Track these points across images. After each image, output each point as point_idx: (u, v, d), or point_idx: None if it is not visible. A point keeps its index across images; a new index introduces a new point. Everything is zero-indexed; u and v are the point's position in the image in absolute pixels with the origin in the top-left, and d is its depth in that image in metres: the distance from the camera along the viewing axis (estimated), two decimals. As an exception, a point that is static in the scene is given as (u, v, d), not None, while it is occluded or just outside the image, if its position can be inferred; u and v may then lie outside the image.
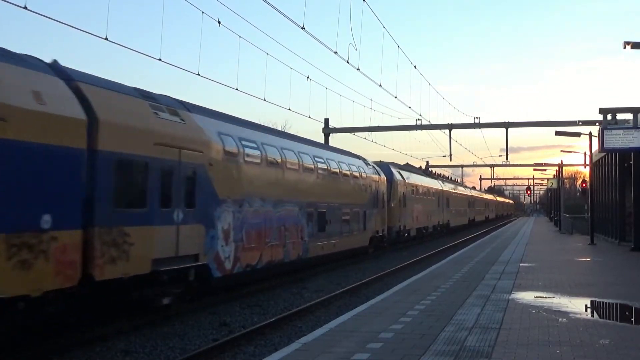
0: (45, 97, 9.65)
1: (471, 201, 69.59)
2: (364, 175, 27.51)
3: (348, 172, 25.21)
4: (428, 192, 43.85)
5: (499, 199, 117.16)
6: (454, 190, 57.89)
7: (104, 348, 10.73)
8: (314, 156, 21.89)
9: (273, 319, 13.11)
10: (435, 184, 48.76)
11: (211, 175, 14.42)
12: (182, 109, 14.24)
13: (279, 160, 18.63)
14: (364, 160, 30.01)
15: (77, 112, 10.26)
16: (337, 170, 23.89)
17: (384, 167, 34.01)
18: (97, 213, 10.60)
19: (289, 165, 19.23)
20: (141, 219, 11.80)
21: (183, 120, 13.70)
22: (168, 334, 11.88)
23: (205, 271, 14.20)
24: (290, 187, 19.29)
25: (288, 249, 18.96)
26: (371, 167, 30.10)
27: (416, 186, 40.25)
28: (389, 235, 32.15)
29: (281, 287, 18.43)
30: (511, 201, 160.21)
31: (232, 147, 15.77)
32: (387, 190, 31.67)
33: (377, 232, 29.46)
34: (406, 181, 37.28)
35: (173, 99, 14.59)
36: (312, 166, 21.31)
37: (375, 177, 29.67)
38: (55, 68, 10.79)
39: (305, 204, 20.35)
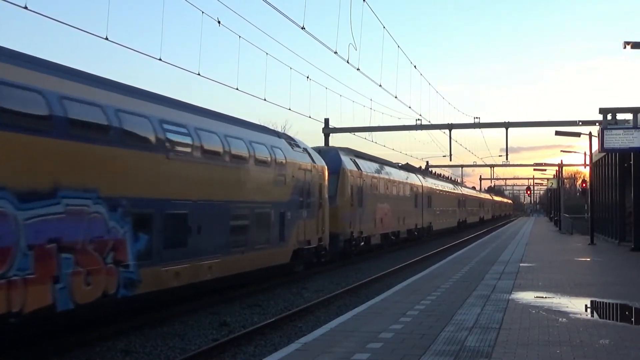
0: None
1: (461, 200, 61.68)
2: (281, 160, 18.72)
3: (245, 154, 16.39)
4: (400, 188, 35.68)
5: (495, 198, 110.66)
6: (438, 187, 49.53)
7: (104, 348, 10.73)
8: (162, 121, 13.13)
9: (273, 319, 13.11)
10: (413, 179, 40.28)
11: None
12: None
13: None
14: (291, 140, 20.98)
15: None
16: (219, 150, 15.14)
17: (330, 153, 25.97)
18: None
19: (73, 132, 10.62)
20: None
21: None
22: (168, 334, 11.89)
23: None
24: (78, 170, 10.69)
25: (70, 283, 10.24)
26: (301, 150, 20.99)
27: (381, 180, 31.72)
28: (333, 246, 23.80)
29: (281, 287, 18.44)
30: (509, 201, 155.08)
31: None
32: (330, 185, 23.61)
33: (308, 242, 20.65)
34: (364, 173, 28.46)
35: None
36: (153, 138, 12.68)
37: (306, 164, 20.74)
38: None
39: (128, 201, 11.74)
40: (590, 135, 32.39)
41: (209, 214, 14.50)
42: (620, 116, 27.00)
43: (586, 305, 12.04)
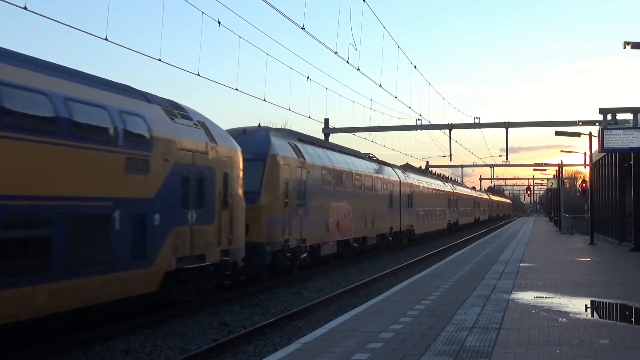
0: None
1: (452, 199, 54.23)
2: (142, 135, 12.18)
3: (51, 122, 10.03)
4: (368, 183, 28.74)
5: (493, 197, 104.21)
6: (422, 184, 42.02)
7: (104, 348, 10.73)
8: None
9: (273, 319, 13.11)
10: (388, 174, 33.08)
11: None
12: None
13: None
14: (174, 108, 14.01)
15: None
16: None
17: (257, 134, 19.49)
18: None
19: None
20: None
21: None
22: (168, 334, 11.88)
23: None
24: None
25: None
26: (191, 123, 14.26)
27: (338, 173, 24.52)
28: (254, 261, 17.32)
29: (281, 287, 18.43)
30: (508, 200, 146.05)
31: None
32: (251, 176, 17.39)
33: (200, 258, 14.05)
34: (310, 162, 21.47)
35: None
36: None
37: (197, 143, 14.09)
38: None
39: None
40: (590, 135, 32.38)
41: None
42: (620, 116, 27.01)
43: (586, 305, 12.04)
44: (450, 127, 40.05)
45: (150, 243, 12.20)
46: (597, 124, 30.12)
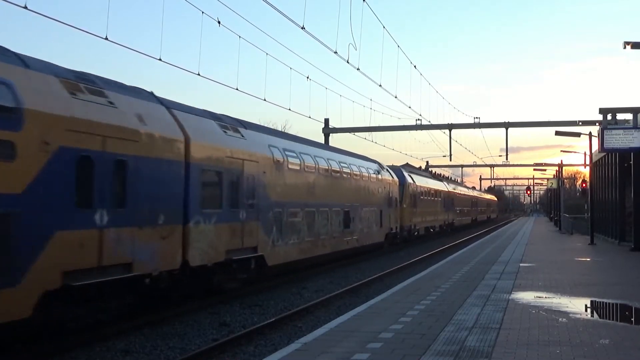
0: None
1: (390, 197, 32.57)
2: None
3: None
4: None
5: (472, 193, 77.14)
6: (328, 169, 23.63)
7: (104, 348, 10.73)
8: None
9: (273, 319, 13.12)
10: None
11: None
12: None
13: None
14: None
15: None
16: None
17: None
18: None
19: None
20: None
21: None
22: (168, 334, 11.89)
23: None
24: None
25: None
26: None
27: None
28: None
29: (281, 287, 18.43)
30: (493, 197, 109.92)
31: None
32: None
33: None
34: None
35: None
36: None
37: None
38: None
39: None
40: (590, 135, 32.38)
41: None
42: (620, 116, 27.01)
43: (586, 305, 12.04)
44: (450, 127, 40.08)
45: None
46: (597, 124, 30.12)
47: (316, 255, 21.70)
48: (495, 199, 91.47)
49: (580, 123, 35.57)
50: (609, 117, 26.53)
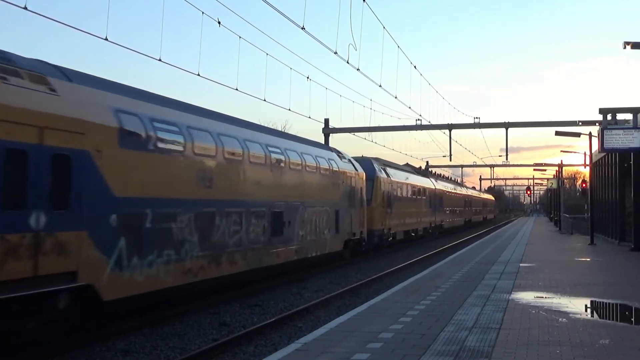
0: None
1: (352, 195, 26.59)
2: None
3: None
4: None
5: (464, 191, 70.17)
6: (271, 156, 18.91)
7: (104, 348, 10.73)
8: None
9: (273, 319, 13.11)
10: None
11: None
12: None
13: None
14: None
15: None
16: None
17: None
18: None
19: None
20: None
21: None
22: (168, 334, 11.89)
23: None
24: None
25: None
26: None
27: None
28: None
29: (281, 287, 18.43)
30: (489, 197, 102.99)
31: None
32: None
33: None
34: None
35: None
36: None
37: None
38: None
39: None
40: (590, 135, 32.38)
41: None
42: (620, 116, 27.01)
43: (586, 305, 12.04)
44: (450, 127, 40.05)
45: None
46: (597, 124, 30.11)
47: (216, 276, 14.90)
48: (493, 198, 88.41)
49: (580, 123, 35.55)
50: (609, 117, 26.53)
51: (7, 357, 9.58)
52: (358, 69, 22.56)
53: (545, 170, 69.47)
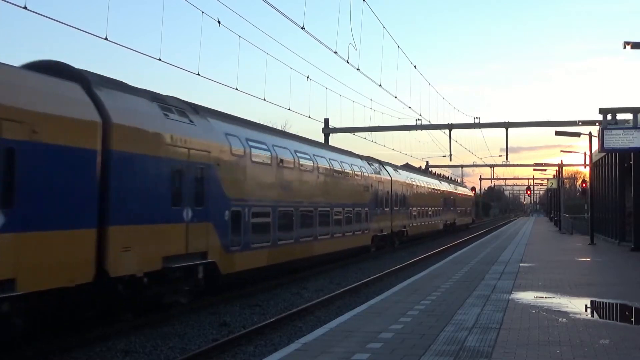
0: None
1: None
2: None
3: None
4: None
5: (414, 180, 40.34)
6: None
7: (104, 348, 10.73)
8: None
9: (273, 319, 13.11)
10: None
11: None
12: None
13: None
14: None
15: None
16: None
17: None
18: None
19: None
20: None
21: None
22: (168, 334, 11.88)
23: None
24: None
25: None
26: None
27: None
28: None
29: (281, 287, 18.43)
30: (467, 191, 72.82)
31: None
32: None
33: None
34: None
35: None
36: None
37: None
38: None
39: None
40: (590, 135, 32.38)
41: None
42: (620, 116, 26.99)
43: (586, 305, 12.04)
44: (450, 127, 40.05)
45: None
46: (597, 124, 30.10)
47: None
48: (470, 193, 70.74)
49: (580, 123, 35.56)
50: (609, 117, 26.51)
51: (7, 357, 9.58)
52: (358, 69, 22.57)
53: (545, 170, 69.46)
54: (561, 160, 59.72)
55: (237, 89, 20.56)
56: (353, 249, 26.50)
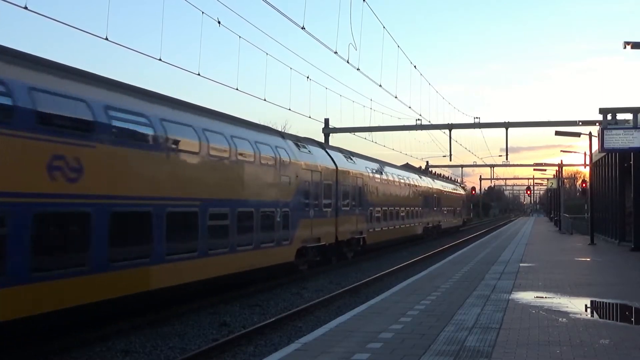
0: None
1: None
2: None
3: None
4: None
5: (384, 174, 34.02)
6: None
7: (104, 348, 10.73)
8: None
9: (273, 319, 13.11)
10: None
11: None
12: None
13: None
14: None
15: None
16: None
17: None
18: None
19: None
20: None
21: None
22: (168, 334, 11.89)
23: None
24: None
25: None
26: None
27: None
28: None
29: (281, 287, 18.43)
30: (457, 188, 65.65)
31: None
32: None
33: None
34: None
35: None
36: None
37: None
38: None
39: None
40: (590, 135, 32.38)
41: None
42: (620, 116, 26.99)
43: (586, 305, 12.04)
44: (450, 127, 40.04)
45: None
46: (597, 124, 30.09)
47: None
48: (461, 190, 63.97)
49: (580, 123, 35.53)
50: (609, 117, 26.51)
51: (7, 356, 9.59)
52: (358, 69, 22.58)
53: (545, 170, 69.44)
54: (561, 160, 59.74)
55: (237, 89, 20.61)
56: (250, 272, 17.08)
